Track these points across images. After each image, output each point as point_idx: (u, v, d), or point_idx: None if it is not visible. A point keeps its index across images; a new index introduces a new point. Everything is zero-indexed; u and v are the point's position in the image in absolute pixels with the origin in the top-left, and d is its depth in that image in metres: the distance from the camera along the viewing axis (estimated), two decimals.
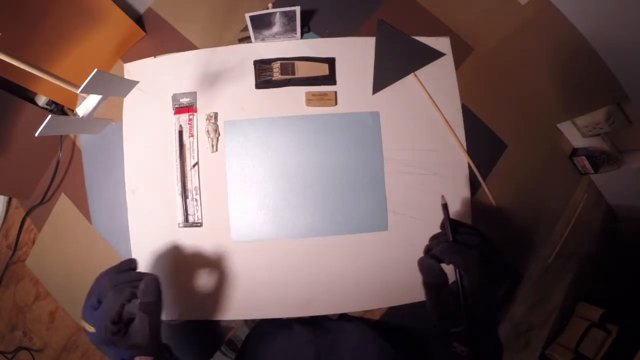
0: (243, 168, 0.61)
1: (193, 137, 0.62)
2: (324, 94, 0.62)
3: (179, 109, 0.62)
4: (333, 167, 0.61)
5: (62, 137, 0.72)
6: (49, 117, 0.37)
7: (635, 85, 0.67)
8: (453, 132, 0.63)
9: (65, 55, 0.64)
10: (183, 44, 0.72)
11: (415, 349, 0.57)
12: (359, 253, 0.60)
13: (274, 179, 0.61)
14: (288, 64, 0.62)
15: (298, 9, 0.58)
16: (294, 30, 0.62)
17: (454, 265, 0.38)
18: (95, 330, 0.38)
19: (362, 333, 0.59)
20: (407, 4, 0.73)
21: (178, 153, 0.61)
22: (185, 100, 0.62)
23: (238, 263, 0.60)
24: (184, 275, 0.60)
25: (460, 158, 0.63)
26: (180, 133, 0.62)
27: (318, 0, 0.71)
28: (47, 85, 0.65)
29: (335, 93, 0.62)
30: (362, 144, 0.62)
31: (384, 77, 0.63)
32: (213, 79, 0.63)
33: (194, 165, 0.61)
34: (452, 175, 0.62)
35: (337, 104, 0.62)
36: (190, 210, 0.61)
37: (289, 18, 0.59)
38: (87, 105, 0.43)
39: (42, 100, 0.72)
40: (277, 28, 0.61)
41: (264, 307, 0.59)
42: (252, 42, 0.64)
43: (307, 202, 0.61)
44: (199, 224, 0.60)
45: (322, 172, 0.61)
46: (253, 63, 0.63)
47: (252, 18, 0.58)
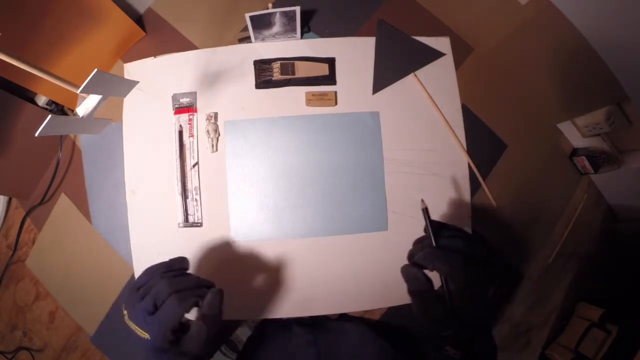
0: (243, 168, 0.61)
1: (193, 137, 0.62)
2: (324, 94, 0.62)
3: (179, 109, 0.62)
4: (333, 167, 0.61)
5: (62, 137, 0.72)
6: (49, 117, 0.37)
7: (635, 85, 0.67)
8: (453, 132, 0.62)
9: (65, 55, 0.64)
10: (183, 44, 0.73)
11: (415, 349, 0.57)
12: (359, 253, 0.60)
13: (274, 179, 0.61)
14: (288, 64, 0.62)
15: (298, 9, 0.58)
16: (294, 30, 0.62)
17: (438, 272, 0.37)
18: (151, 337, 0.36)
19: (362, 333, 0.59)
20: (407, 4, 0.73)
21: (178, 153, 0.61)
22: (185, 100, 0.62)
23: (238, 263, 0.60)
24: None
25: (460, 158, 0.63)
26: (180, 133, 0.62)
27: (318, 0, 0.71)
28: (47, 85, 0.65)
29: (335, 93, 0.62)
30: (362, 144, 0.62)
31: (384, 77, 0.63)
32: (213, 79, 0.63)
33: (194, 165, 0.61)
34: (452, 175, 0.62)
35: (337, 104, 0.62)
36: (190, 210, 0.61)
37: (289, 18, 0.59)
38: (87, 105, 0.43)
39: (42, 100, 0.72)
40: (277, 28, 0.61)
41: (264, 307, 0.59)
42: (252, 42, 0.64)
43: (307, 202, 0.61)
44: (199, 224, 0.60)
45: (322, 172, 0.61)
46: (253, 63, 0.63)
47: (252, 18, 0.58)
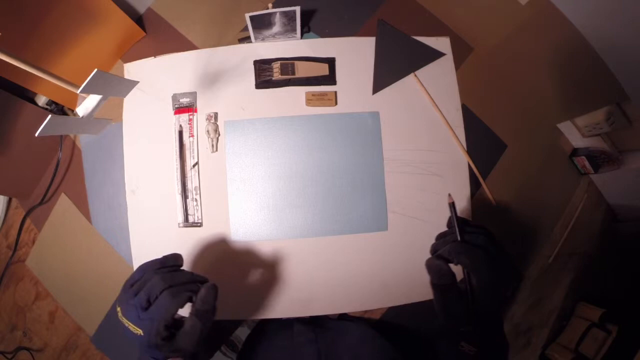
0: (243, 168, 0.61)
1: (193, 137, 0.62)
2: (324, 94, 0.62)
3: (179, 109, 0.62)
4: (333, 167, 0.61)
5: (62, 137, 0.72)
6: (49, 117, 0.37)
7: (635, 85, 0.67)
8: (453, 132, 0.62)
9: (65, 55, 0.64)
10: (183, 44, 0.73)
11: (416, 349, 0.57)
12: (359, 253, 0.60)
13: (274, 179, 0.61)
14: (288, 64, 0.62)
15: (298, 9, 0.58)
16: (294, 30, 0.62)
17: (462, 266, 0.37)
18: (144, 333, 0.35)
19: (362, 332, 0.59)
20: (407, 4, 0.73)
21: (178, 153, 0.61)
22: (185, 100, 0.62)
23: (238, 263, 0.60)
24: None
25: (460, 158, 0.63)
26: (180, 133, 0.62)
27: (318, 0, 0.71)
28: (47, 85, 0.65)
29: (335, 93, 0.62)
30: (362, 144, 0.62)
31: (384, 77, 0.63)
32: (213, 79, 0.63)
33: (194, 165, 0.61)
34: (452, 175, 0.62)
35: (337, 104, 0.62)
36: (190, 210, 0.61)
37: (289, 18, 0.59)
38: (87, 105, 0.43)
39: (42, 100, 0.72)
40: (277, 28, 0.61)
41: (264, 307, 0.59)
42: (252, 42, 0.64)
43: (307, 202, 0.61)
44: (199, 224, 0.60)
45: (322, 172, 0.61)
46: (253, 63, 0.63)
47: (252, 18, 0.58)
